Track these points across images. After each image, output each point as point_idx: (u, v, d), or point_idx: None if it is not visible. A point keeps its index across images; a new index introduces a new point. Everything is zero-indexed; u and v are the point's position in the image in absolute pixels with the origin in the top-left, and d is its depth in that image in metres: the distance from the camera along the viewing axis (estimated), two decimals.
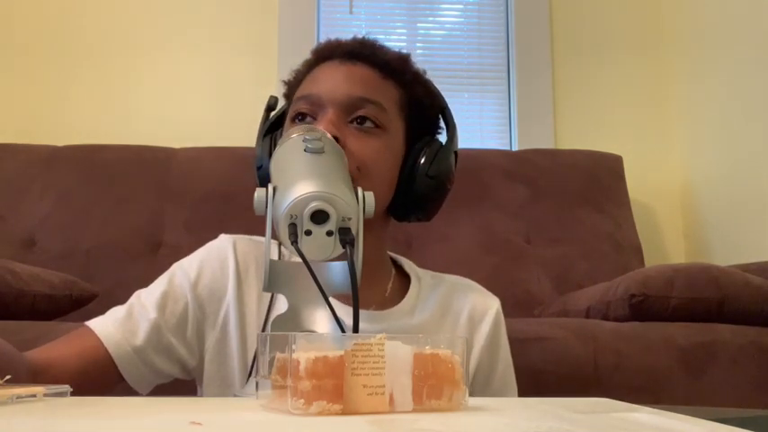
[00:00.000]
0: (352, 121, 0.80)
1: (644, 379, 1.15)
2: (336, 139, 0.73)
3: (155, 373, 0.79)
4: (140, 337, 0.77)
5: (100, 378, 0.76)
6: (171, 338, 0.79)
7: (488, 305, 0.88)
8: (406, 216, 0.85)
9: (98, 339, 0.76)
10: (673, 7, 2.26)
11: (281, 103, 0.90)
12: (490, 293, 0.91)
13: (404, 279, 0.89)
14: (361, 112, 0.80)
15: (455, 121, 0.88)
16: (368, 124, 0.80)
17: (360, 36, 0.87)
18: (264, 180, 0.63)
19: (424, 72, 0.88)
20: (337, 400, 0.43)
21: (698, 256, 2.07)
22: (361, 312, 0.78)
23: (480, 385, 0.85)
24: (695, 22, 2.16)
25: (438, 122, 0.89)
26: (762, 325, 1.24)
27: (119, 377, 0.77)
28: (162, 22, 2.16)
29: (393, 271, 0.89)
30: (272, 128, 0.87)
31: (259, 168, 0.83)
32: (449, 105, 0.89)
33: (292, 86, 0.88)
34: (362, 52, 0.84)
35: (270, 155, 0.81)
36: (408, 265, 0.91)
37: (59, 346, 0.76)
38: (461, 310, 0.87)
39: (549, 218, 1.88)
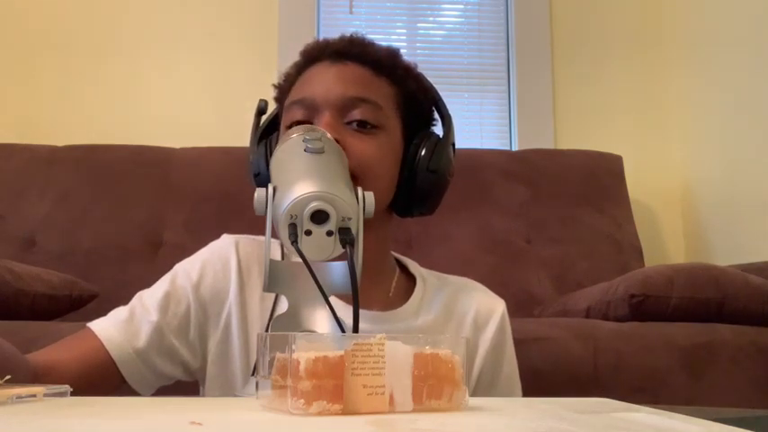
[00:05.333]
0: (349, 122, 0.79)
1: (644, 379, 1.15)
2: (336, 141, 0.73)
3: (157, 376, 0.79)
4: (142, 339, 0.77)
5: (102, 381, 0.75)
6: (173, 340, 0.78)
7: (493, 308, 0.87)
8: (409, 212, 0.85)
9: (100, 342, 0.76)
10: (672, 7, 2.26)
11: (272, 106, 0.89)
12: (495, 295, 0.90)
13: (408, 280, 0.88)
14: (357, 112, 0.79)
15: (449, 112, 0.87)
16: (365, 124, 0.79)
17: (347, 34, 0.86)
18: (263, 186, 0.63)
19: (415, 66, 0.88)
20: (337, 400, 0.42)
21: (698, 256, 2.06)
22: (366, 313, 0.78)
23: (484, 388, 0.84)
24: (695, 22, 2.16)
25: (432, 115, 0.88)
26: (762, 325, 1.24)
27: (121, 380, 0.76)
28: (162, 22, 2.16)
29: (397, 270, 0.88)
30: (265, 133, 0.86)
31: (257, 176, 0.83)
32: (441, 97, 0.88)
33: (283, 90, 0.87)
34: (352, 51, 0.83)
35: (266, 162, 0.81)
36: (413, 265, 0.90)
37: (61, 349, 0.75)
38: (466, 313, 0.86)
39: (549, 218, 1.88)
